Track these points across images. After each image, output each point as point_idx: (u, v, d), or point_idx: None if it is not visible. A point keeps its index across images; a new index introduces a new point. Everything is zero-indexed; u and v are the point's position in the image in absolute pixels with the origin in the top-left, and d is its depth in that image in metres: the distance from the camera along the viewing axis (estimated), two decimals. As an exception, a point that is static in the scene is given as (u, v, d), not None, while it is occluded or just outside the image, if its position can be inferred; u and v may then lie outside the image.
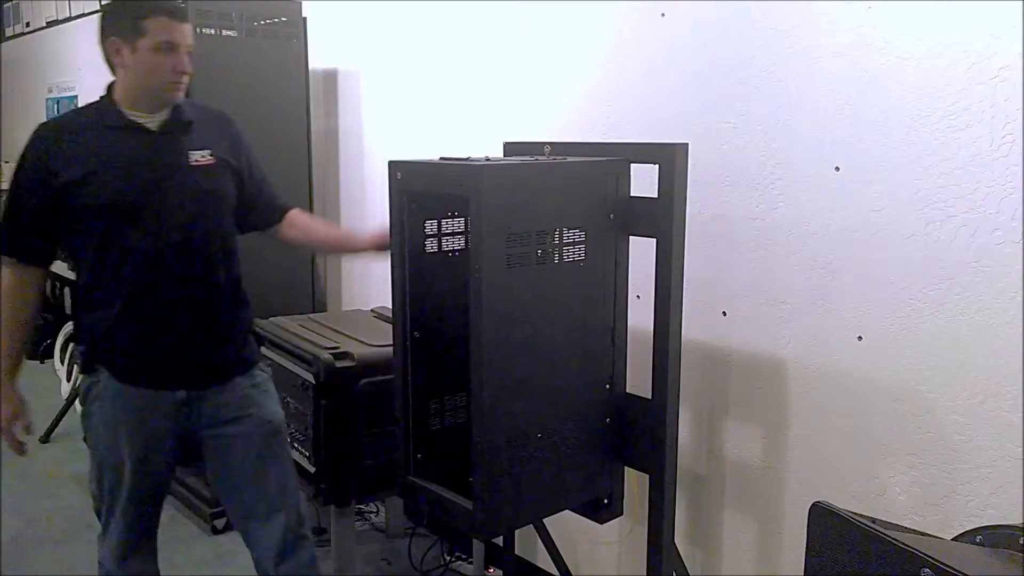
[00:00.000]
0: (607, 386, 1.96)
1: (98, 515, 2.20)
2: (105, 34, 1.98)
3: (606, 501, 2.03)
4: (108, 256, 2.00)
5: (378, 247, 2.21)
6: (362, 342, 2.67)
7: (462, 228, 2.02)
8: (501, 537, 2.56)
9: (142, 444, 2.09)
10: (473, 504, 1.79)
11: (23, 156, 2.07)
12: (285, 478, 2.21)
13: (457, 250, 2.03)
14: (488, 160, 1.82)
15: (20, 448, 2.20)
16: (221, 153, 2.10)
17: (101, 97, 2.06)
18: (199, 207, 2.05)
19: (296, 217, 2.30)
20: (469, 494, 1.80)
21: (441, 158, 1.90)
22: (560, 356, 1.85)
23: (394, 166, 1.89)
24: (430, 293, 1.98)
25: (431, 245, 2.00)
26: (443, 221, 2.01)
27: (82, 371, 2.13)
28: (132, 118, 2.01)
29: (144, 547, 2.21)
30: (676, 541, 2.01)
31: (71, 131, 2.04)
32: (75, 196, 1.97)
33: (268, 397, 2.21)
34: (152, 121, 2.03)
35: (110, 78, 2.05)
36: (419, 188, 1.89)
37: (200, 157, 2.06)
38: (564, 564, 2.47)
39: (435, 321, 1.99)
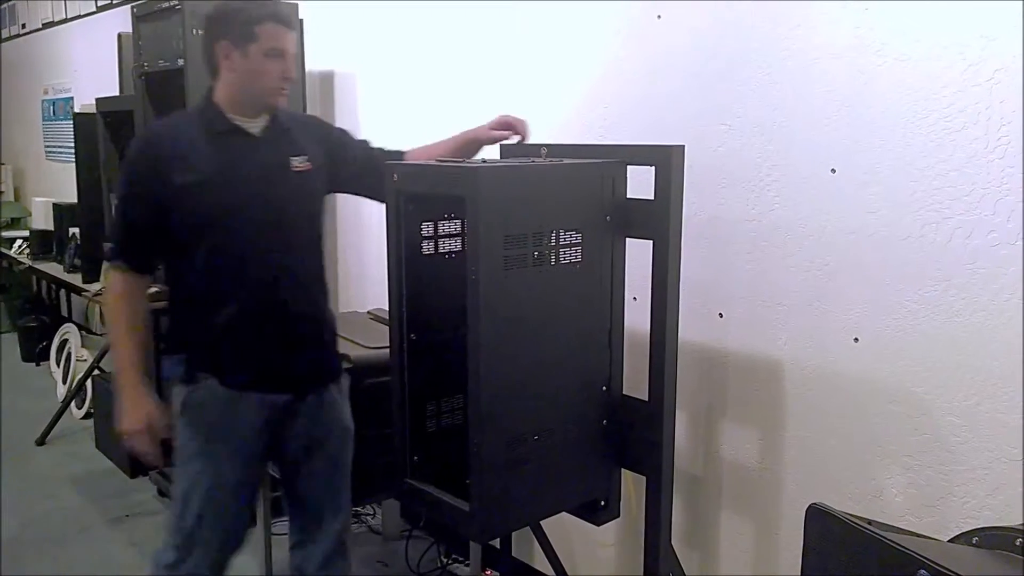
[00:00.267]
0: (604, 388, 1.96)
1: (176, 542, 2.09)
2: (215, 37, 1.97)
3: (603, 503, 2.04)
4: (215, 262, 2.00)
5: (496, 138, 2.17)
6: (358, 344, 2.67)
7: (459, 230, 2.02)
8: (498, 539, 2.56)
9: (247, 451, 2.09)
10: (470, 506, 1.78)
11: (133, 162, 2.05)
12: (346, 485, 2.25)
13: (454, 252, 2.03)
14: (484, 162, 1.81)
15: (149, 458, 2.13)
16: (317, 158, 2.12)
17: (203, 100, 2.06)
18: (302, 212, 2.09)
19: (413, 155, 2.26)
20: (466, 496, 1.80)
21: (438, 160, 1.89)
22: (557, 358, 1.85)
23: (391, 168, 1.89)
24: (427, 295, 1.98)
25: (428, 247, 1.99)
26: (440, 223, 2.01)
27: (183, 380, 2.07)
28: (237, 123, 2.02)
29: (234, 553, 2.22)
30: (673, 543, 2.01)
31: (179, 136, 2.01)
32: (187, 202, 1.97)
33: (346, 403, 2.24)
34: (254, 126, 2.04)
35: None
36: (416, 190, 1.89)
37: (299, 163, 2.08)
38: (561, 566, 2.47)
39: (432, 323, 1.98)
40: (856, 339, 1.95)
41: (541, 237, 1.77)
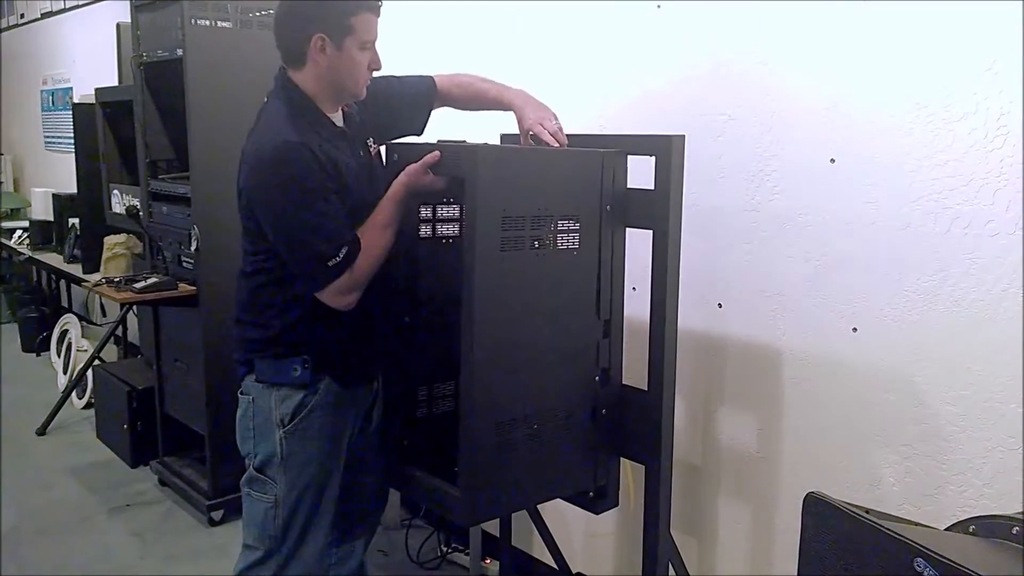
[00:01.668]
0: (597, 377, 1.96)
1: (269, 547, 2.04)
2: (308, 29, 1.88)
3: (600, 492, 2.04)
4: None
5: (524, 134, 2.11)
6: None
7: (457, 215, 2.02)
8: (498, 527, 2.57)
9: (354, 444, 2.10)
10: (458, 490, 1.78)
11: (300, 173, 1.84)
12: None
13: (451, 237, 2.03)
14: (485, 143, 1.81)
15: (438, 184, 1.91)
16: (377, 132, 2.10)
17: (290, 93, 1.94)
18: (383, 194, 1.97)
19: (443, 86, 2.24)
20: (455, 481, 1.80)
21: (438, 140, 1.89)
22: (550, 344, 1.84)
23: (391, 148, 1.89)
24: (422, 279, 1.98)
25: (425, 230, 2.00)
26: (438, 207, 2.01)
27: (297, 385, 1.98)
28: (333, 120, 1.97)
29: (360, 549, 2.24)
30: (672, 531, 2.02)
31: (312, 145, 1.86)
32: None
33: None
34: (339, 119, 2.00)
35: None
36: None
37: (373, 146, 2.07)
38: (560, 554, 2.48)
39: (426, 307, 1.99)
40: (855, 329, 1.96)
41: (539, 221, 1.77)
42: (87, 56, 5.83)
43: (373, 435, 2.16)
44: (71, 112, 4.76)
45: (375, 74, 2.00)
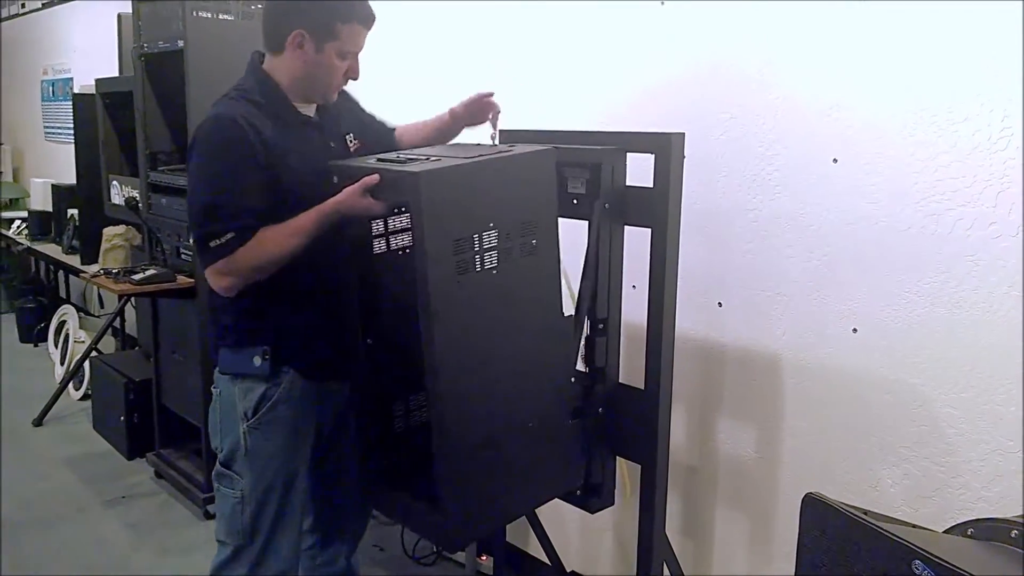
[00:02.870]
0: (573, 379, 1.91)
1: (238, 543, 2.02)
2: (291, 22, 1.87)
3: (595, 490, 2.03)
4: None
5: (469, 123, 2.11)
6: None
7: (409, 224, 1.94)
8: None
9: (318, 441, 2.06)
10: (444, 519, 1.73)
11: (223, 144, 1.85)
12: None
13: (408, 247, 1.95)
14: (429, 158, 1.71)
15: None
16: (360, 132, 2.08)
17: (258, 78, 1.93)
18: None
19: (401, 133, 2.22)
20: (438, 505, 1.74)
21: (378, 159, 1.79)
22: (516, 353, 1.77)
23: (332, 169, 1.82)
24: (383, 295, 1.90)
25: (379, 245, 1.92)
26: (390, 219, 1.93)
27: (260, 376, 1.94)
28: (301, 111, 1.95)
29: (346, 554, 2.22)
30: (668, 533, 2.01)
31: (257, 124, 1.86)
32: (275, 192, 1.86)
33: None
34: (310, 110, 1.98)
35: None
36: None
37: (352, 142, 2.04)
38: (555, 552, 2.47)
39: (389, 324, 1.91)
40: (855, 329, 1.95)
41: (491, 234, 1.67)
42: (88, 46, 5.82)
43: (353, 440, 2.10)
44: (71, 102, 4.75)
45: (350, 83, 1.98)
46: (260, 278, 1.86)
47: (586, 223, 1.93)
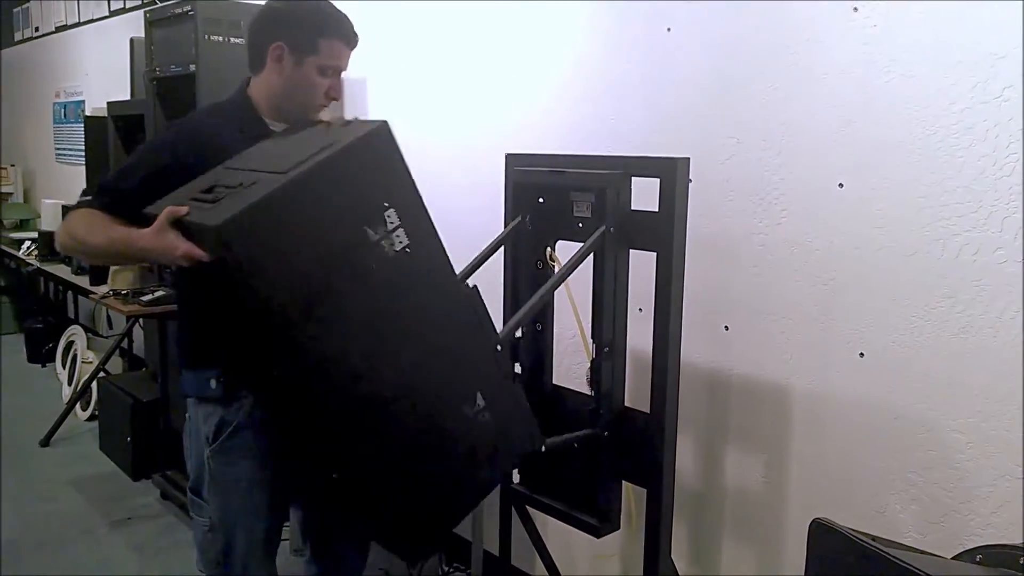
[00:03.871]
0: (499, 346, 1.76)
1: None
2: (271, 35, 1.86)
3: (601, 515, 2.02)
4: None
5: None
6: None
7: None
8: (498, 547, 2.55)
9: (281, 469, 1.96)
10: (407, 549, 1.80)
11: (171, 139, 1.90)
12: None
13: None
14: (231, 189, 1.52)
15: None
16: None
17: (238, 94, 1.95)
18: None
19: None
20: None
21: (192, 197, 1.60)
22: (427, 348, 1.64)
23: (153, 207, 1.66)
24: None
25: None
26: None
27: (217, 400, 1.88)
28: (271, 126, 1.92)
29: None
30: (675, 559, 2.00)
31: (221, 132, 1.86)
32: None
33: None
34: (279, 126, 1.95)
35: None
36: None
37: None
38: (562, 577, 2.46)
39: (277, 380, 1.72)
40: (862, 354, 1.95)
41: (346, 242, 1.51)
42: (100, 70, 5.87)
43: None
44: (83, 125, 4.80)
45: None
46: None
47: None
